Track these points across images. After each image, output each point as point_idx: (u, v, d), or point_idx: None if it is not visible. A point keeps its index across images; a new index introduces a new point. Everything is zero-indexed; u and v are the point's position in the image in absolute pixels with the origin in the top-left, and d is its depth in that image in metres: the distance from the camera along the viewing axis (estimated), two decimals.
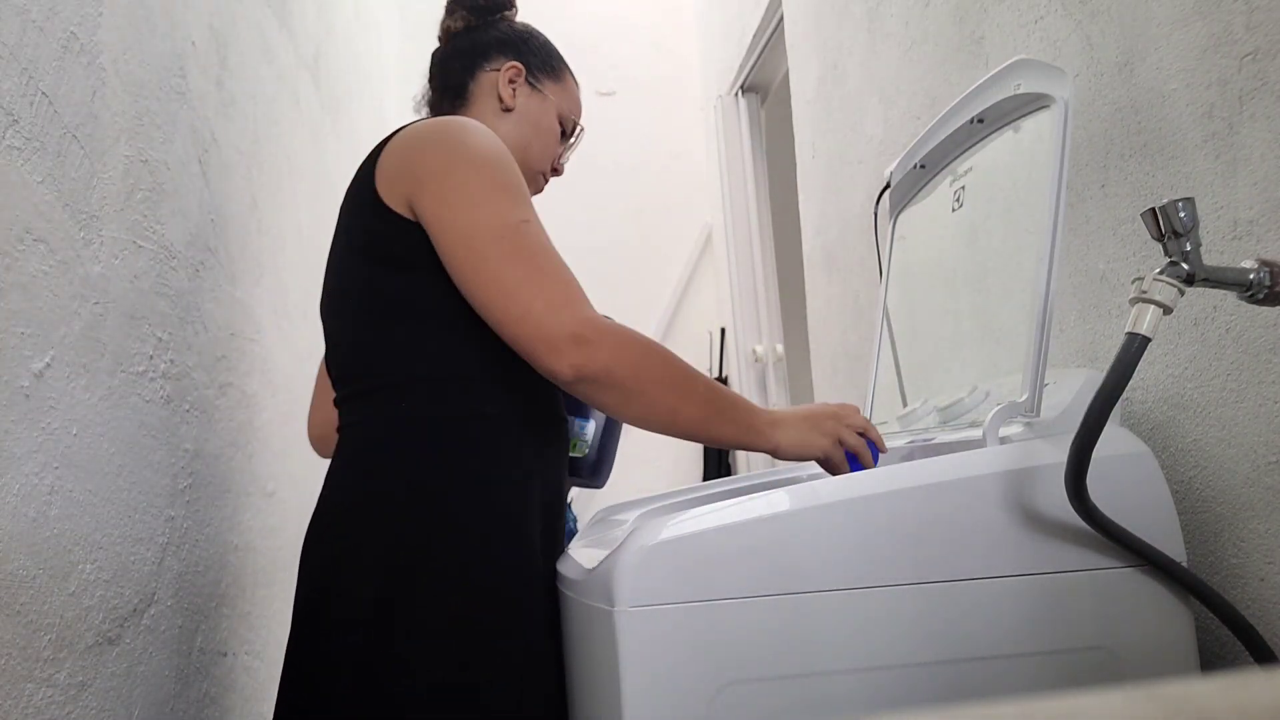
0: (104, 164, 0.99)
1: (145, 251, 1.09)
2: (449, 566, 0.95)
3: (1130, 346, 0.75)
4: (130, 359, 1.04)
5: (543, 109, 1.23)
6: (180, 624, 1.14)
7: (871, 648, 0.80)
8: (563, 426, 1.12)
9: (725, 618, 0.78)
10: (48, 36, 0.88)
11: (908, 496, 0.83)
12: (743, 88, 3.16)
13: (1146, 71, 0.98)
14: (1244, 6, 0.85)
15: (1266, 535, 0.85)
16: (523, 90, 1.22)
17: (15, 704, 0.78)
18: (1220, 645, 0.91)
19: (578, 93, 1.30)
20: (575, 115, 1.29)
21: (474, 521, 0.97)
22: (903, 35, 1.64)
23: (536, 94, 1.23)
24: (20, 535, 0.80)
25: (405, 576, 0.94)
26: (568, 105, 1.26)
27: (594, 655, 0.85)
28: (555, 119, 1.24)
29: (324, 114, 2.14)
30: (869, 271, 1.85)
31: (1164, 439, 0.98)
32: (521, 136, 1.21)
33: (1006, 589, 0.81)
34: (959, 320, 1.14)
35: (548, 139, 1.24)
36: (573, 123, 1.28)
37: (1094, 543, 0.82)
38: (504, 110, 1.22)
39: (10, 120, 0.81)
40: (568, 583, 0.96)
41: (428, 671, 0.93)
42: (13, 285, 0.81)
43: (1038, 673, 0.81)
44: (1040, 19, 1.18)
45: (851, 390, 2.04)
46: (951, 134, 1.12)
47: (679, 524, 0.82)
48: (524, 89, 1.22)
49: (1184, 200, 0.77)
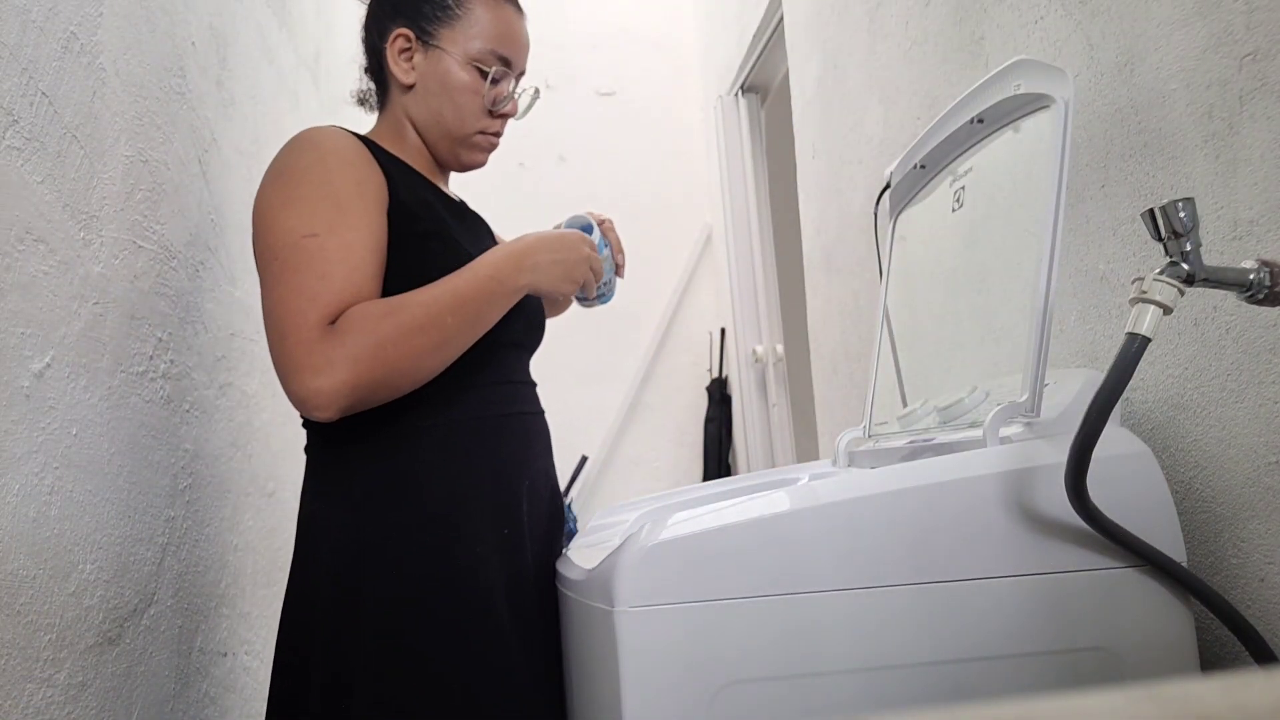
0: (104, 164, 0.99)
1: (145, 251, 1.09)
2: (381, 572, 0.97)
3: (1130, 346, 0.75)
4: (130, 359, 1.04)
5: (445, 67, 1.07)
6: (180, 624, 1.14)
7: (871, 648, 0.80)
8: (517, 422, 1.10)
9: (725, 618, 0.78)
10: (48, 36, 0.88)
11: (908, 496, 0.83)
12: (743, 88, 3.16)
13: (1146, 71, 0.98)
14: (1244, 6, 0.85)
15: (1266, 535, 0.85)
16: (420, 56, 1.08)
17: (15, 704, 0.78)
18: (1220, 645, 0.91)
19: (497, 16, 1.08)
20: (497, 49, 1.08)
21: (405, 526, 0.99)
22: (903, 35, 1.64)
23: (434, 53, 1.07)
24: (20, 535, 0.80)
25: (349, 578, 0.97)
26: (480, 43, 1.07)
27: (594, 655, 0.85)
28: (466, 68, 1.07)
29: (324, 114, 2.14)
30: (869, 271, 1.85)
31: (1164, 439, 0.98)
32: (430, 110, 1.08)
33: (1007, 589, 0.81)
34: (959, 320, 1.14)
35: (460, 99, 1.08)
36: (492, 61, 1.08)
37: (1094, 543, 0.82)
38: (407, 89, 1.09)
39: (10, 120, 0.81)
40: (568, 583, 0.96)
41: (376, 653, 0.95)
42: (13, 285, 0.81)
43: (1038, 673, 0.81)
44: (1040, 19, 1.18)
45: (851, 390, 2.04)
46: (951, 134, 1.12)
47: (679, 524, 0.82)
48: (420, 53, 1.08)
49: (1184, 200, 0.77)
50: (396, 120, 1.12)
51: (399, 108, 1.11)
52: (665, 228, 3.55)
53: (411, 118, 1.11)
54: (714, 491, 1.24)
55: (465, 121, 1.09)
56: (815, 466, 1.31)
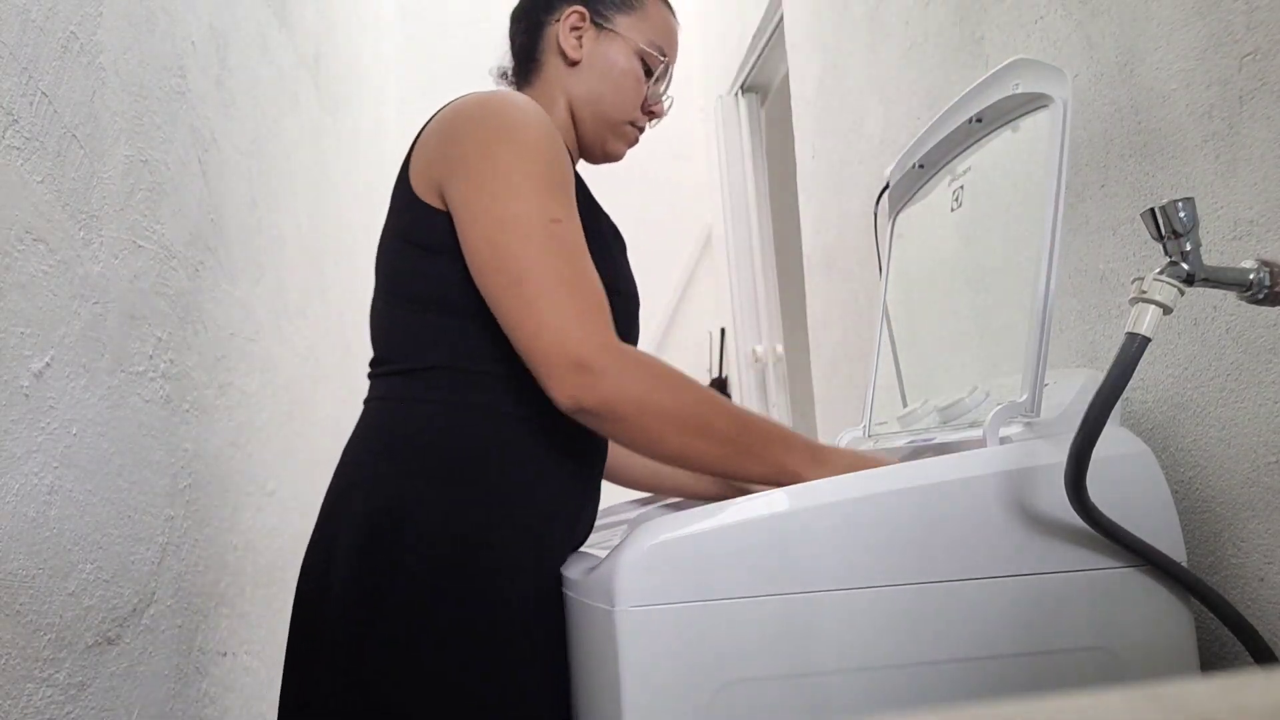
0: (104, 164, 0.99)
1: (145, 251, 1.09)
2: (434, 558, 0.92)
3: (1130, 346, 0.75)
4: (130, 359, 1.04)
5: (616, 51, 1.08)
6: (180, 624, 1.14)
7: (871, 648, 0.80)
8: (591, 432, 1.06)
9: (725, 618, 0.78)
10: (48, 36, 0.88)
11: (908, 496, 0.83)
12: (743, 88, 3.16)
13: (1146, 71, 0.98)
14: (1244, 6, 0.85)
15: (1266, 535, 0.85)
16: (589, 36, 1.09)
17: (15, 704, 0.78)
18: (1220, 645, 0.91)
19: (665, 17, 1.13)
20: (663, 50, 1.11)
21: (462, 512, 0.94)
22: (903, 35, 1.64)
23: (606, 34, 1.09)
24: (20, 535, 0.80)
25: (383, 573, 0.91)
26: (650, 36, 1.10)
27: (594, 655, 0.85)
28: (633, 58, 1.09)
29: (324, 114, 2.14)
30: (869, 271, 1.85)
31: (1164, 439, 0.98)
32: (590, 90, 1.09)
33: (1006, 589, 0.81)
34: (959, 320, 1.14)
35: (624, 84, 1.09)
36: (657, 58, 1.11)
37: (1094, 543, 0.82)
38: (570, 65, 1.09)
39: (10, 120, 0.81)
40: (568, 583, 0.96)
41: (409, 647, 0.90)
42: (13, 285, 0.81)
43: (1038, 673, 0.81)
44: (1040, 19, 1.18)
45: (851, 390, 2.04)
46: (950, 134, 1.12)
47: (679, 524, 0.82)
48: (590, 34, 1.09)
49: (1184, 200, 0.77)
50: (549, 96, 1.10)
51: (555, 83, 1.10)
52: (665, 228, 3.55)
53: (569, 94, 1.09)
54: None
55: (624, 108, 1.10)
56: None
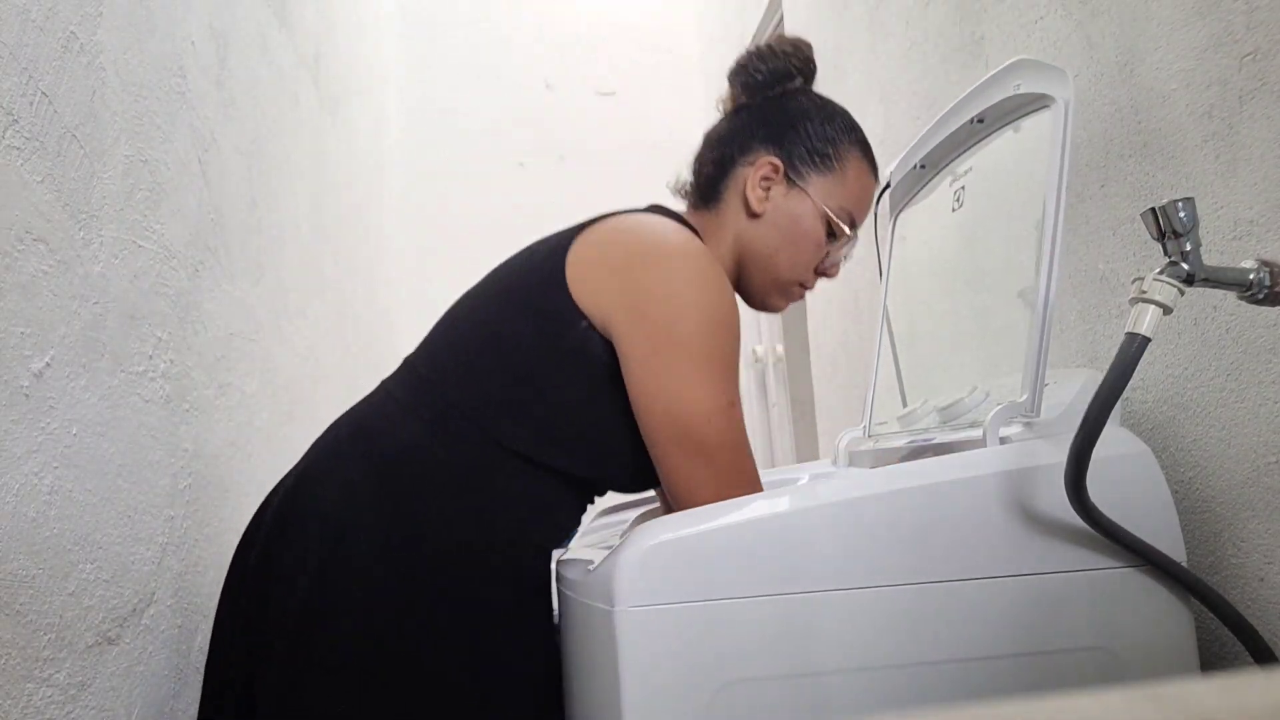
0: (104, 164, 0.99)
1: (145, 251, 1.09)
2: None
3: (1130, 346, 0.75)
4: (130, 359, 1.04)
5: (801, 212, 1.03)
6: (180, 624, 1.14)
7: (871, 648, 0.80)
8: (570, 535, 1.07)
9: (725, 618, 0.78)
10: (48, 36, 0.88)
11: (908, 496, 0.83)
12: None
13: (1146, 71, 0.98)
14: (1244, 6, 0.85)
15: (1266, 535, 0.85)
16: (778, 190, 1.04)
17: (15, 704, 0.78)
18: (1220, 645, 0.91)
19: (865, 185, 1.08)
20: (854, 214, 1.06)
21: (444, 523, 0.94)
22: (903, 35, 1.63)
23: (795, 192, 1.03)
24: (20, 535, 0.80)
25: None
26: (843, 203, 1.05)
27: (594, 655, 0.85)
28: (819, 222, 1.03)
29: (324, 114, 2.14)
30: (869, 271, 1.85)
31: (1164, 439, 0.98)
32: (767, 245, 1.04)
33: (1006, 589, 0.81)
34: (959, 320, 1.14)
35: (804, 247, 1.04)
36: (843, 228, 1.04)
37: (1094, 543, 0.82)
38: (750, 216, 1.04)
39: (10, 120, 0.81)
40: (568, 583, 0.96)
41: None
42: (13, 285, 0.81)
43: (1038, 673, 0.81)
44: (1040, 19, 1.18)
45: (852, 390, 2.04)
46: (951, 134, 1.12)
47: (679, 524, 0.82)
48: (780, 188, 1.04)
49: (1184, 200, 0.77)
50: (721, 232, 1.06)
51: (730, 224, 1.06)
52: None
53: (742, 241, 1.05)
54: None
55: (797, 271, 1.06)
56: (815, 466, 1.31)
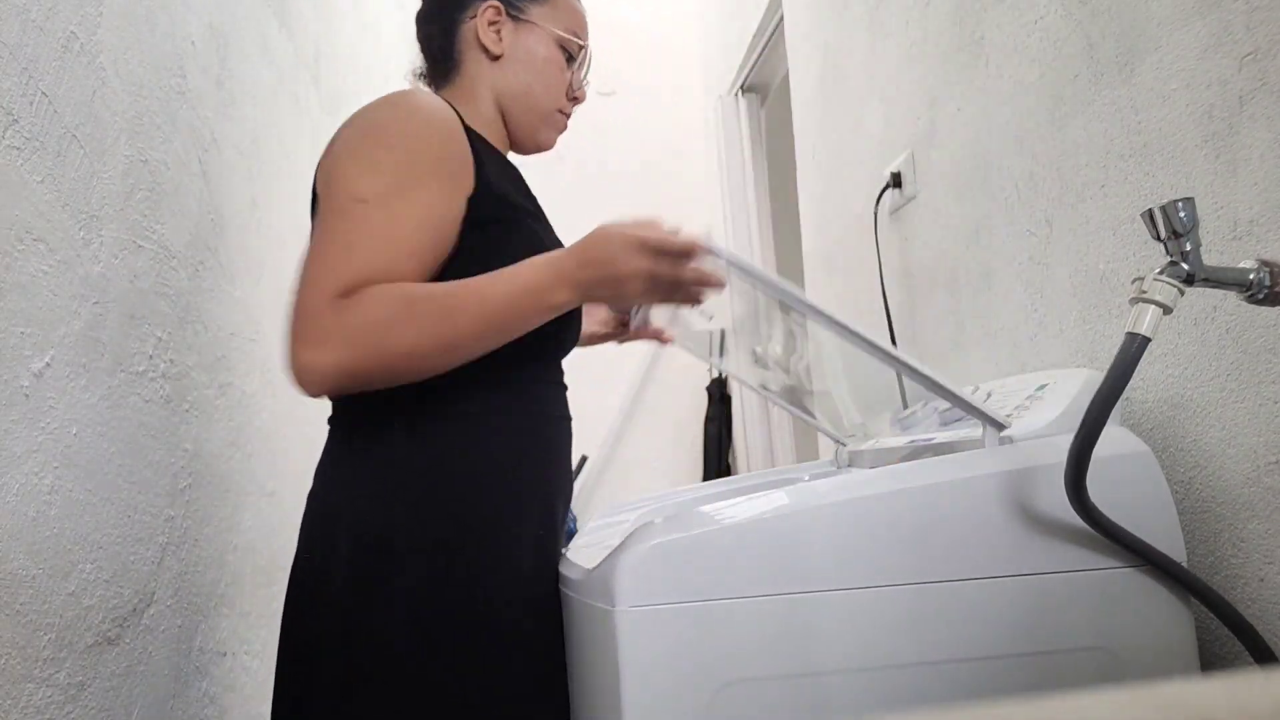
0: (104, 164, 0.99)
1: (145, 251, 1.09)
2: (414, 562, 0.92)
3: (1130, 346, 0.75)
4: (130, 359, 1.04)
5: (536, 41, 1.10)
6: (179, 624, 1.14)
7: (871, 648, 0.80)
8: (560, 426, 1.07)
9: (725, 618, 0.78)
10: (48, 36, 0.88)
11: (908, 496, 0.83)
12: (743, 88, 3.15)
13: (1146, 71, 0.98)
14: (1244, 6, 0.85)
15: (1266, 535, 0.85)
16: (507, 28, 1.10)
17: (15, 704, 0.78)
18: (1220, 645, 0.91)
19: (574, 3, 1.15)
20: (578, 34, 1.14)
21: (441, 517, 0.94)
22: (903, 35, 1.63)
23: (524, 26, 1.10)
24: (20, 535, 0.80)
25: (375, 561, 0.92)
26: (566, 23, 1.12)
27: (594, 655, 0.85)
28: (554, 46, 1.11)
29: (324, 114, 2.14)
30: (869, 271, 1.85)
31: (1164, 439, 0.98)
32: (518, 81, 1.10)
33: (1006, 589, 0.81)
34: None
35: (549, 72, 1.11)
36: (576, 44, 1.13)
37: (1094, 543, 0.82)
38: (493, 60, 1.10)
39: (10, 120, 0.81)
40: (568, 583, 0.96)
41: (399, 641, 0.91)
42: (13, 285, 0.81)
43: (1038, 673, 0.81)
44: (1040, 19, 1.18)
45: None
46: None
47: (679, 524, 0.82)
48: (508, 27, 1.10)
49: (1184, 200, 0.77)
50: (472, 93, 1.10)
51: (478, 79, 1.10)
52: None
53: (495, 89, 1.10)
54: (714, 491, 1.24)
55: (552, 96, 1.11)
56: (815, 466, 1.31)
